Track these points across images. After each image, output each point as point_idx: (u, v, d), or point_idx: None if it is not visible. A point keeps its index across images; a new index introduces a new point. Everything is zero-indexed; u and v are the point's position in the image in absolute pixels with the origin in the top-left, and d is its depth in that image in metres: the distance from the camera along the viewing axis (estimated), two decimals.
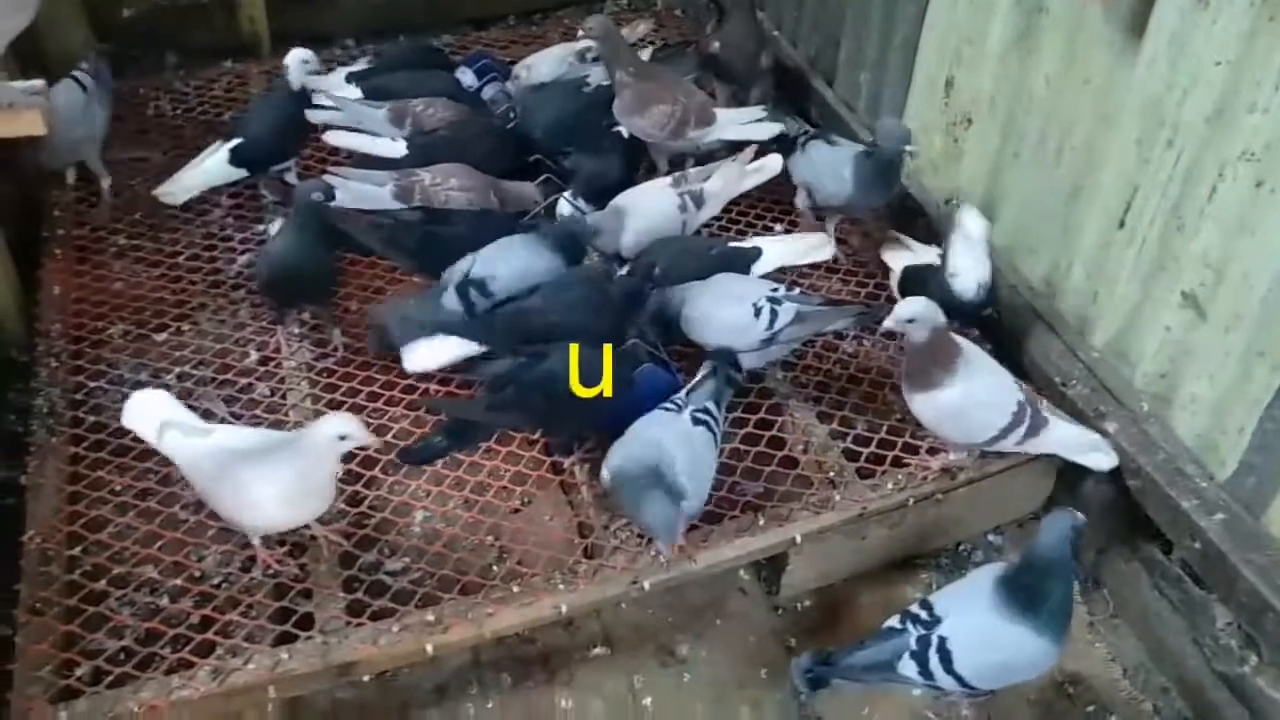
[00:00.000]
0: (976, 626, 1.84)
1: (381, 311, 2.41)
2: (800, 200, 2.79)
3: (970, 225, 2.34)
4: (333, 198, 2.32)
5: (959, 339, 2.15)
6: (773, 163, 2.75)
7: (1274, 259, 1.86)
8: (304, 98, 2.75)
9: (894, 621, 1.90)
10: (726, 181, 2.69)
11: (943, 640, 1.83)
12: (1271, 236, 1.86)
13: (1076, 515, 1.82)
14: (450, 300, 2.32)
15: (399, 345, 2.35)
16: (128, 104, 3.25)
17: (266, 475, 1.88)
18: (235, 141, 2.72)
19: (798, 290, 2.42)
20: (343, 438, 1.88)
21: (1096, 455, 2.19)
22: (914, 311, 2.02)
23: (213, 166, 2.75)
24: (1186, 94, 1.97)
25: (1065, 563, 1.82)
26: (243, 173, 2.77)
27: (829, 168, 2.60)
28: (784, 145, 2.75)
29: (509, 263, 2.37)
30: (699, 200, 2.62)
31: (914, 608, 1.90)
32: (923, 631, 1.85)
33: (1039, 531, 1.84)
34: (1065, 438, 2.19)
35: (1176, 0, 1.96)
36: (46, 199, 2.87)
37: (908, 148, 2.45)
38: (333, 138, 2.86)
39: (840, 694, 2.06)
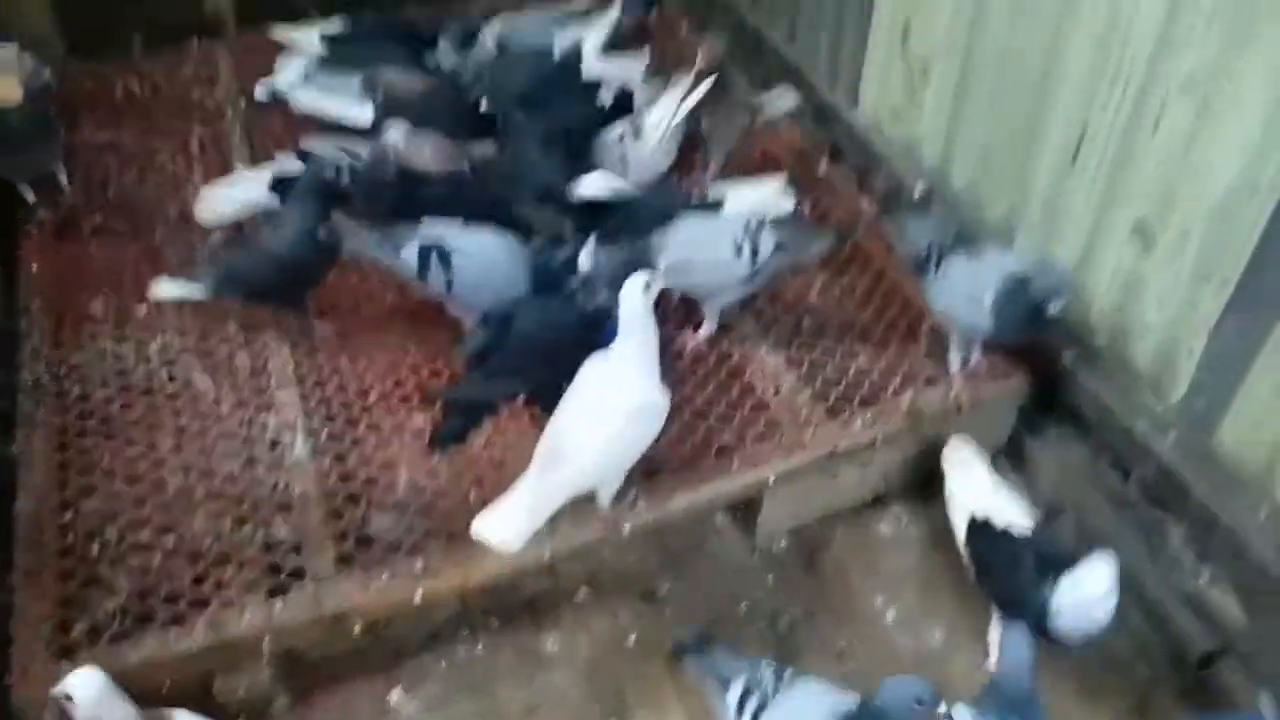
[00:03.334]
0: None
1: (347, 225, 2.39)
2: (954, 357, 2.35)
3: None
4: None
5: None
6: (703, 86, 2.72)
7: (1216, 182, 1.94)
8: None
9: None
10: (663, 110, 2.70)
11: None
12: (1213, 160, 1.93)
13: (926, 688, 1.67)
14: (409, 255, 2.29)
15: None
16: (96, 86, 3.27)
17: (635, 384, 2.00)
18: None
19: (768, 223, 2.45)
20: (648, 286, 1.98)
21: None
22: None
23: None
24: (1130, 27, 2.03)
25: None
26: None
27: (966, 294, 2.18)
28: (917, 264, 2.33)
29: (479, 245, 2.34)
30: (638, 130, 2.65)
31: None
32: None
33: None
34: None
35: None
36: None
37: (1053, 304, 2.09)
38: (302, 97, 2.90)
39: None
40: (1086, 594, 1.88)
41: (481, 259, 2.31)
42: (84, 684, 1.66)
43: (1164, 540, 2.15)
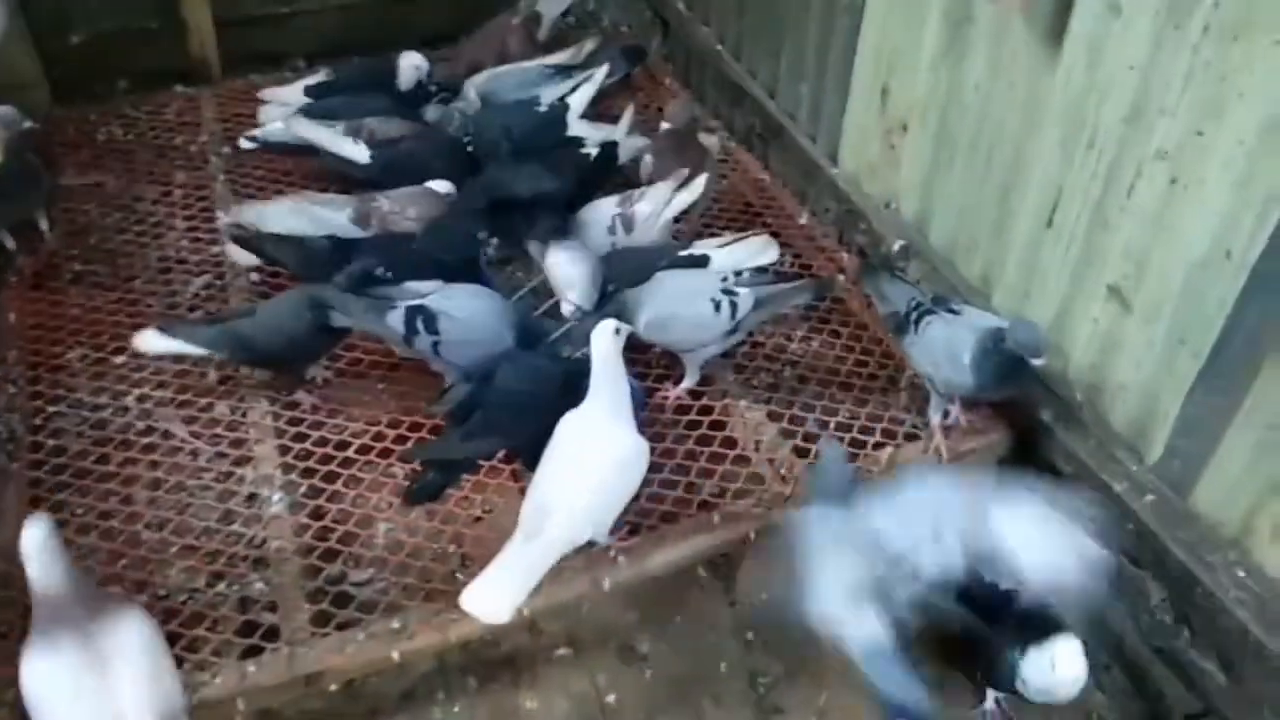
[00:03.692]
0: None
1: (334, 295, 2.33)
2: (934, 413, 2.36)
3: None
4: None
5: None
6: (699, 183, 2.72)
7: (1189, 251, 1.97)
8: None
9: None
10: (654, 204, 2.69)
11: None
12: (1186, 230, 1.97)
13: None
14: (395, 320, 2.27)
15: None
16: (79, 131, 3.27)
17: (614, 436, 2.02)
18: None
19: (745, 275, 2.47)
20: (617, 331, 2.01)
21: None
22: None
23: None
24: (1103, 98, 2.08)
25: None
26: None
27: (946, 352, 2.21)
28: (896, 324, 2.36)
29: (464, 305, 2.33)
30: (629, 224, 2.67)
31: None
32: None
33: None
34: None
35: (1091, 8, 2.07)
36: None
37: (1036, 361, 2.09)
38: (299, 127, 2.95)
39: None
40: (1051, 676, 1.92)
41: (467, 319, 2.30)
42: (31, 531, 1.58)
43: (1145, 599, 2.15)
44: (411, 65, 3.18)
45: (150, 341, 2.36)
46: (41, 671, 1.59)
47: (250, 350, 2.35)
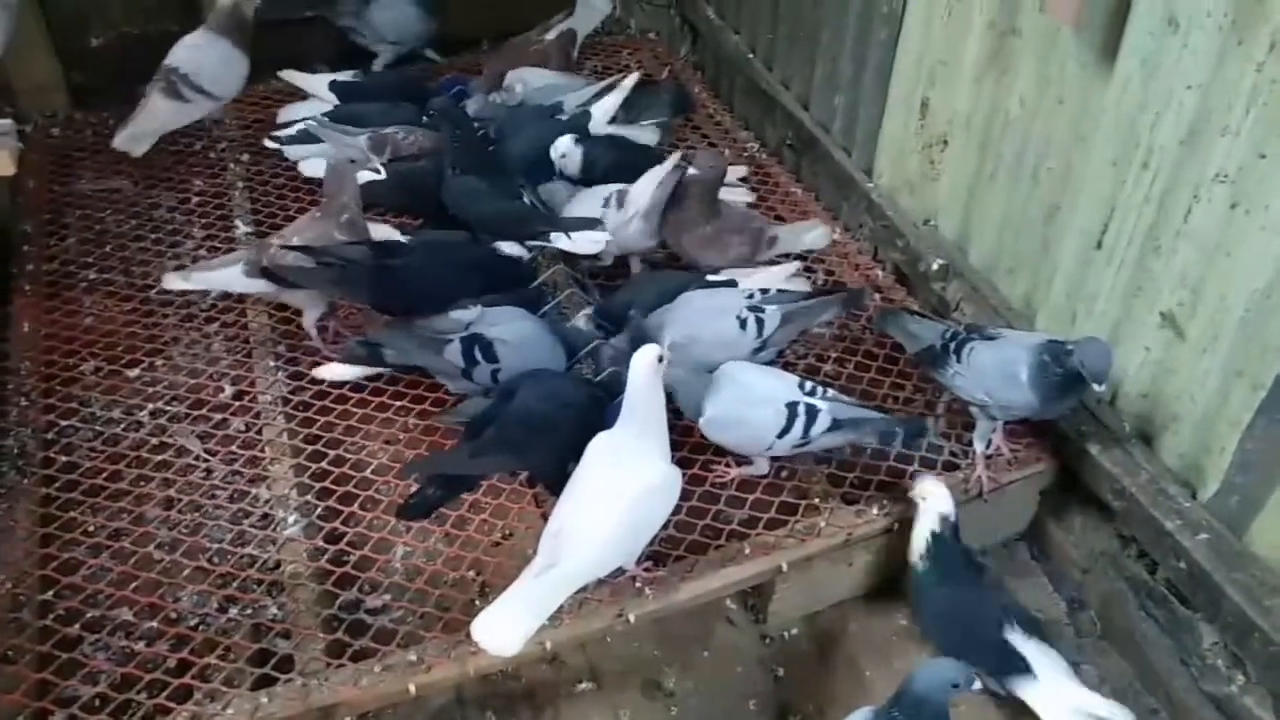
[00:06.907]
0: None
1: (384, 335, 2.34)
2: (978, 442, 2.26)
3: None
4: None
5: None
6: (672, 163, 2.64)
7: (1250, 279, 1.87)
8: None
9: None
10: (645, 184, 2.64)
11: None
12: (1247, 257, 1.87)
13: (961, 671, 1.70)
14: (453, 353, 2.22)
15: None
16: (97, 135, 3.21)
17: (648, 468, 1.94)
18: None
19: (773, 291, 2.40)
20: (661, 359, 1.92)
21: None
22: None
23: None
24: (1160, 116, 1.98)
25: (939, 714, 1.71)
26: None
27: (1000, 374, 2.12)
28: (932, 357, 2.26)
29: (518, 331, 2.28)
30: (620, 200, 2.64)
31: None
32: None
33: (915, 674, 1.71)
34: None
35: (1147, 23, 1.97)
36: (13, 234, 2.83)
37: (1097, 388, 2.01)
38: (307, 168, 2.86)
39: None
40: None
41: (522, 342, 2.26)
42: None
43: (1196, 641, 2.06)
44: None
45: (332, 370, 2.44)
46: None
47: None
